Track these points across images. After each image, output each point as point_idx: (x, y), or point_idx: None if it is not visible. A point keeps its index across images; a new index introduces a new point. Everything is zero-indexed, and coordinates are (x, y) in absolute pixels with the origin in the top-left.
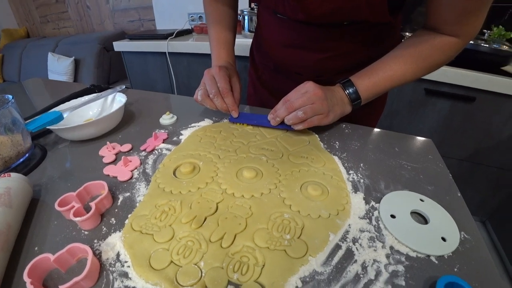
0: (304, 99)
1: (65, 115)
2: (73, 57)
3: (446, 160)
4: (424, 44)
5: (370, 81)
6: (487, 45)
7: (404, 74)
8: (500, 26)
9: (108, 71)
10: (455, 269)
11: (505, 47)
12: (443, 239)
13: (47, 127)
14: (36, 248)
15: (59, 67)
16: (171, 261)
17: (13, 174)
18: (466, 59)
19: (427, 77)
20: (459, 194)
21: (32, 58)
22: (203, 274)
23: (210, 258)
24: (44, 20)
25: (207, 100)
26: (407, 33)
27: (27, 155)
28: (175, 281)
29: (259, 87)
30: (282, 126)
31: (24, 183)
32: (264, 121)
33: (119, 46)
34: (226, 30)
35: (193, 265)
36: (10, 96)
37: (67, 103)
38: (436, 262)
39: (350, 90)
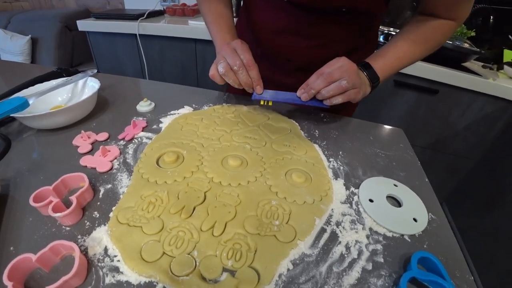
0: (341, 71)
1: (30, 102)
2: (30, 36)
3: (412, 148)
4: (426, 27)
5: (385, 63)
6: (450, 42)
7: (412, 56)
8: (462, 25)
9: (71, 53)
10: (425, 246)
11: (466, 45)
12: (415, 220)
13: (11, 115)
14: (11, 248)
15: (12, 47)
16: (164, 253)
17: None
18: (431, 54)
19: None
20: (426, 180)
21: None
22: (197, 263)
23: (203, 247)
24: None
25: (230, 73)
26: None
27: None
28: (170, 272)
29: None
30: (313, 102)
31: None
32: (292, 97)
33: (84, 25)
34: (225, 7)
35: (187, 255)
36: None
37: (31, 88)
38: (409, 240)
39: (370, 72)
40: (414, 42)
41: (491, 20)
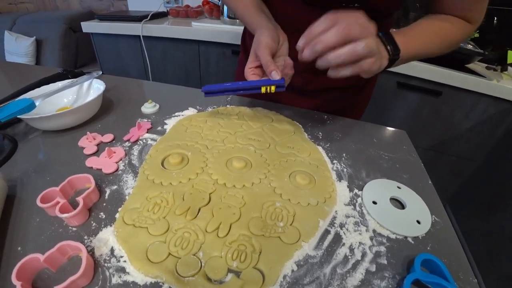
0: (362, 28)
1: (37, 103)
2: (34, 37)
3: (415, 150)
4: (445, 22)
5: (407, 40)
6: None
7: (431, 46)
8: None
9: (75, 54)
10: (428, 248)
11: (469, 46)
12: (418, 222)
13: (17, 116)
14: (19, 248)
15: (18, 48)
16: (169, 253)
17: None
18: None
19: (399, 70)
20: (430, 182)
21: None
22: (202, 264)
23: (208, 248)
24: None
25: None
26: None
27: None
28: (176, 273)
29: None
30: (263, 81)
31: None
32: (236, 86)
33: (88, 27)
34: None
35: (192, 256)
36: None
37: (37, 89)
38: (412, 242)
39: (390, 44)
40: (433, 33)
41: (494, 21)
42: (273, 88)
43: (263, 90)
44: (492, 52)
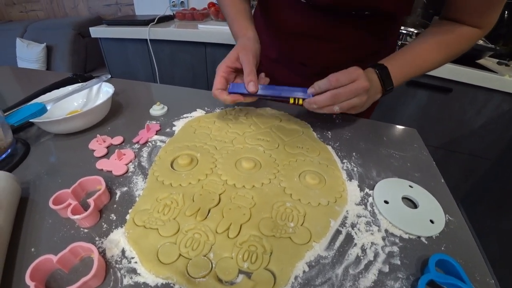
0: (352, 89)
1: (48, 107)
2: (45, 43)
3: (426, 148)
4: (450, 34)
5: (402, 69)
6: None
7: (433, 62)
8: None
9: (84, 59)
10: (442, 248)
11: (480, 42)
12: (431, 221)
13: (29, 120)
14: (32, 249)
15: (29, 54)
16: (180, 255)
17: None
18: None
19: None
20: (442, 181)
21: None
22: (213, 265)
23: (219, 249)
24: (9, 2)
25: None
26: None
27: (9, 150)
28: (187, 274)
29: None
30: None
31: (12, 181)
32: (275, 93)
33: (96, 32)
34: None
35: (203, 257)
36: None
37: (48, 94)
38: (426, 242)
39: (386, 79)
40: (436, 49)
41: (505, 15)
42: (301, 101)
43: (291, 101)
44: (503, 47)
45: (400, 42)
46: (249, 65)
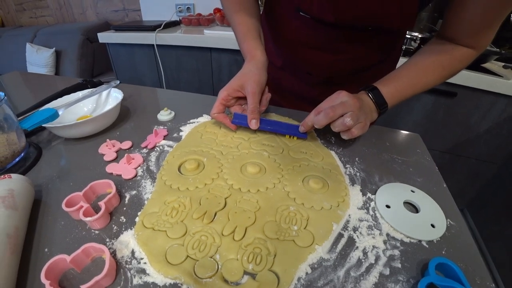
0: (344, 107)
1: (60, 112)
2: (54, 48)
3: (429, 152)
4: (444, 54)
5: (396, 89)
6: None
7: (427, 83)
8: None
9: (92, 64)
10: (443, 252)
11: None
12: (432, 226)
13: (42, 125)
14: (46, 250)
15: (39, 59)
16: (187, 256)
17: (13, 175)
18: None
19: None
20: (444, 185)
21: (8, 48)
22: (219, 266)
23: (225, 251)
24: (19, 8)
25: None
26: None
27: (22, 154)
28: (194, 274)
29: None
30: (296, 133)
31: (26, 184)
32: (275, 128)
33: (104, 37)
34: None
35: (209, 258)
36: (2, 94)
37: (59, 99)
38: (427, 246)
39: (378, 98)
40: (430, 70)
41: (511, 18)
42: (295, 138)
43: (286, 136)
44: (509, 51)
45: (404, 47)
46: (253, 101)
